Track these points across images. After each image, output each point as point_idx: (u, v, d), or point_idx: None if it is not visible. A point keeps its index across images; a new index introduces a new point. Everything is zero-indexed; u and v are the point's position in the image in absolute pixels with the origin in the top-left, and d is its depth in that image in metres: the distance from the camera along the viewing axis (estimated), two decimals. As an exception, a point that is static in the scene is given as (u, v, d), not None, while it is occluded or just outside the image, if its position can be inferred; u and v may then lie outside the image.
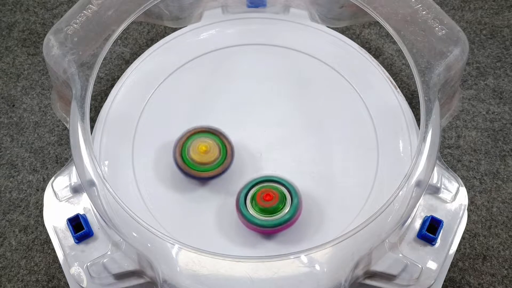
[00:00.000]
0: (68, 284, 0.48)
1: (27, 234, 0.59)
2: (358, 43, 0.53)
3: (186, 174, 0.46)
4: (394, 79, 0.52)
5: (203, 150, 0.46)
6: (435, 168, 0.46)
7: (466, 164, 0.61)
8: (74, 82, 0.46)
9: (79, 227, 0.45)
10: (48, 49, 0.48)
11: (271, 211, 0.45)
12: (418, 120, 0.48)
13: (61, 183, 0.47)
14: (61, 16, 0.52)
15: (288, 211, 0.45)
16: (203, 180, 0.47)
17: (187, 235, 0.45)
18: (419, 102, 0.46)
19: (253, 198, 0.45)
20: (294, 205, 0.45)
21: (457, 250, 0.48)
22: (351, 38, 0.54)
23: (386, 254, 0.44)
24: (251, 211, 0.45)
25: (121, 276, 0.44)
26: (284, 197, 0.45)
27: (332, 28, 0.54)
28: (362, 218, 0.44)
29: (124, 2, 0.49)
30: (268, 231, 0.45)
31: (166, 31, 0.67)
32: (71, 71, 0.47)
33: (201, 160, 0.46)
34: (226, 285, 0.42)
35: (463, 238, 0.56)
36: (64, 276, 0.57)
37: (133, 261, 0.44)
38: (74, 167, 0.46)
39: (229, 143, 0.47)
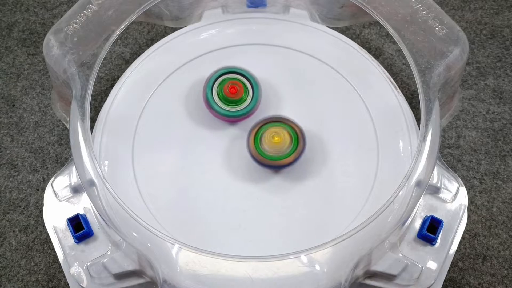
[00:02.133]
0: (68, 284, 0.48)
1: (27, 234, 0.59)
2: (358, 43, 0.53)
3: (260, 163, 0.47)
4: (394, 79, 0.52)
5: (276, 141, 0.46)
6: (435, 168, 0.46)
7: (466, 164, 0.61)
8: (74, 82, 0.46)
9: (79, 227, 0.45)
10: (48, 49, 0.48)
11: (235, 102, 0.48)
12: (418, 120, 0.48)
13: (61, 183, 0.47)
14: (61, 16, 0.52)
15: (249, 103, 0.48)
16: (277, 168, 0.47)
17: (187, 235, 0.45)
18: (419, 102, 0.46)
19: (219, 89, 0.48)
20: (255, 97, 0.48)
21: (457, 250, 0.48)
22: (351, 38, 0.54)
23: (386, 254, 0.44)
24: (217, 101, 0.48)
25: (121, 276, 0.44)
26: (246, 89, 0.48)
27: (332, 28, 0.54)
28: (362, 218, 0.44)
29: (124, 2, 0.49)
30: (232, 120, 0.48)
31: (166, 31, 0.67)
32: (71, 71, 0.47)
33: (274, 150, 0.46)
34: (226, 285, 0.42)
35: (463, 238, 0.56)
36: (64, 276, 0.57)
37: (133, 261, 0.44)
38: (74, 167, 0.46)
39: (301, 131, 0.47)
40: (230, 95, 0.48)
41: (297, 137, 0.47)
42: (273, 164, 0.47)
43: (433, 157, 0.44)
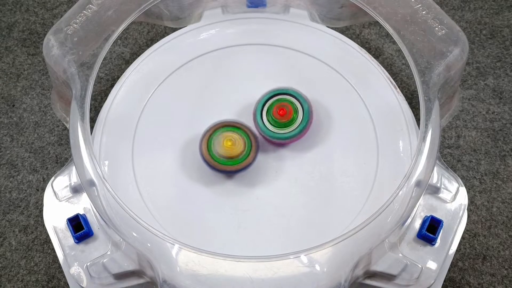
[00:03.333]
0: (68, 284, 0.48)
1: (27, 234, 0.59)
2: (358, 43, 0.53)
3: (213, 168, 0.47)
4: (394, 79, 0.52)
5: (229, 145, 0.46)
6: (435, 168, 0.46)
7: (466, 164, 0.61)
8: (74, 82, 0.46)
9: (79, 227, 0.45)
10: (48, 49, 0.48)
11: (285, 124, 0.47)
12: (418, 120, 0.48)
13: (61, 183, 0.47)
14: (61, 16, 0.52)
15: (301, 122, 0.47)
16: (229, 174, 0.47)
17: (187, 235, 0.45)
18: (419, 102, 0.46)
19: (268, 111, 0.47)
20: (306, 113, 0.47)
21: (457, 250, 0.48)
22: (351, 38, 0.54)
23: (386, 254, 0.44)
24: (267, 124, 0.47)
25: (121, 276, 0.44)
26: (296, 109, 0.48)
27: (332, 28, 0.54)
28: (362, 218, 0.44)
29: (124, 2, 0.49)
30: (282, 143, 0.48)
31: (166, 31, 0.67)
32: (71, 71, 0.47)
33: (227, 154, 0.46)
34: (226, 285, 0.42)
35: (463, 238, 0.56)
36: (64, 276, 0.57)
37: (133, 261, 0.44)
38: (74, 167, 0.46)
39: (254, 136, 0.47)
40: (279, 117, 0.47)
41: (250, 141, 0.47)
42: (226, 170, 0.47)
43: (433, 157, 0.44)
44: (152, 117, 0.50)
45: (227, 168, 0.46)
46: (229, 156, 0.46)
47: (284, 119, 0.47)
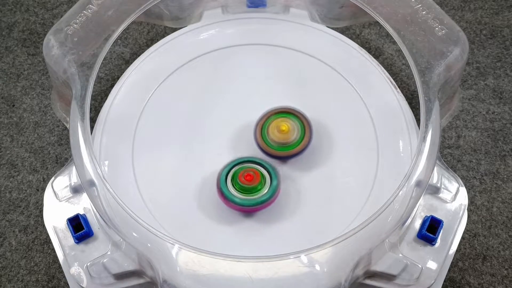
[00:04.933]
0: (68, 284, 0.48)
1: (27, 234, 0.59)
2: (358, 43, 0.53)
3: (267, 154, 0.47)
4: (394, 79, 0.52)
5: (283, 130, 0.47)
6: (435, 168, 0.46)
7: (466, 164, 0.61)
8: (74, 82, 0.46)
9: (79, 227, 0.45)
10: (48, 49, 0.48)
11: (250, 190, 0.45)
12: (418, 120, 0.48)
13: (61, 183, 0.47)
14: (61, 16, 0.52)
15: (266, 191, 0.45)
16: (284, 159, 0.48)
17: (187, 235, 0.45)
18: (419, 102, 0.46)
19: (233, 177, 0.46)
20: (273, 187, 0.46)
21: (457, 250, 0.48)
22: (351, 38, 0.54)
23: (386, 254, 0.44)
24: (231, 189, 0.46)
25: (121, 276, 0.44)
26: (263, 178, 0.46)
27: (332, 28, 0.54)
28: (362, 218, 0.44)
29: (124, 2, 0.49)
30: (246, 210, 0.46)
31: (166, 31, 0.67)
32: (71, 71, 0.47)
33: (280, 140, 0.47)
34: (226, 285, 0.42)
35: (463, 238, 0.56)
36: (64, 276, 0.57)
37: (133, 261, 0.44)
38: (74, 167, 0.46)
39: (308, 122, 0.47)
40: (246, 182, 0.46)
41: (304, 127, 0.47)
42: (281, 155, 0.47)
43: (433, 157, 0.44)
44: (152, 117, 0.50)
45: (282, 154, 0.47)
46: (283, 142, 0.47)
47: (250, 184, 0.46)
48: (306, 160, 0.48)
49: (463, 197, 0.47)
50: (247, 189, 0.46)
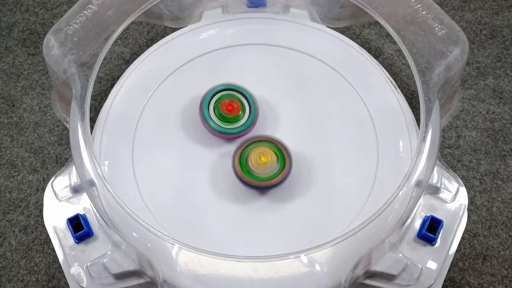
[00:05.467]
0: (68, 284, 0.48)
1: (27, 234, 0.59)
2: (358, 43, 0.53)
3: (245, 183, 0.46)
4: (394, 79, 0.52)
5: (263, 161, 0.46)
6: (435, 168, 0.46)
7: (466, 164, 0.61)
8: (74, 82, 0.46)
9: (79, 227, 0.45)
10: (48, 49, 0.48)
11: (232, 120, 0.47)
12: (418, 120, 0.48)
13: (61, 183, 0.47)
14: (61, 16, 0.52)
15: (246, 121, 0.47)
16: (262, 190, 0.47)
17: (187, 235, 0.45)
18: (419, 102, 0.46)
19: (216, 106, 0.47)
20: (252, 115, 0.47)
21: (457, 250, 0.48)
22: (351, 38, 0.54)
23: (386, 254, 0.44)
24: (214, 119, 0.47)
25: (121, 276, 0.44)
26: (243, 107, 0.48)
27: (332, 28, 0.54)
28: (362, 218, 0.44)
29: (124, 2, 0.49)
30: (229, 138, 0.48)
31: (166, 31, 0.67)
32: (71, 71, 0.47)
33: (260, 171, 0.46)
34: (226, 285, 0.42)
35: (463, 238, 0.56)
36: (64, 276, 0.57)
37: (133, 261, 0.44)
38: (74, 167, 0.46)
39: (288, 153, 0.47)
40: (226, 112, 0.47)
41: (283, 156, 0.46)
42: (260, 185, 0.46)
43: (433, 157, 0.44)
44: (152, 117, 0.50)
45: (262, 184, 0.46)
46: (263, 172, 0.46)
47: (232, 114, 0.48)
48: (306, 160, 0.48)
49: (463, 197, 0.47)
50: (228, 119, 0.47)
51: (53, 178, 0.47)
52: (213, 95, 0.48)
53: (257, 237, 0.46)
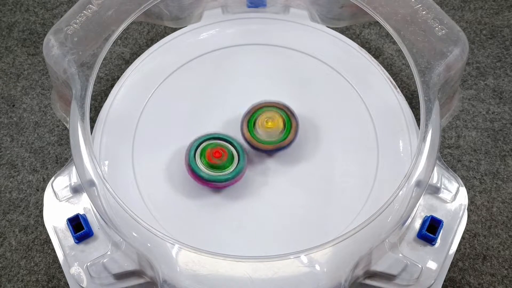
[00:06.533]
0: (68, 284, 0.48)
1: (27, 234, 0.59)
2: (358, 43, 0.53)
3: (254, 148, 0.47)
4: (394, 79, 0.52)
5: (269, 125, 0.47)
6: (435, 168, 0.46)
7: (466, 164, 0.61)
8: (74, 82, 0.46)
9: (79, 227, 0.45)
10: (48, 49, 0.48)
11: (219, 167, 0.46)
12: (418, 120, 0.48)
13: (61, 183, 0.47)
14: (61, 16, 0.52)
15: (233, 170, 0.46)
16: (269, 152, 0.48)
17: (187, 235, 0.45)
18: (419, 102, 0.46)
19: (202, 153, 0.46)
20: (240, 167, 0.46)
21: (457, 250, 0.48)
22: (351, 38, 0.54)
23: (386, 254, 0.44)
24: (200, 165, 0.46)
25: (121, 276, 0.44)
26: (232, 157, 0.46)
27: (332, 28, 0.54)
28: (362, 218, 0.44)
29: (124, 2, 0.49)
30: (215, 186, 0.46)
31: (166, 31, 0.67)
32: (71, 71, 0.47)
33: (267, 134, 0.47)
34: (226, 285, 0.42)
35: (463, 238, 0.56)
36: (64, 276, 0.57)
37: (133, 261, 0.44)
38: (74, 167, 0.46)
39: (294, 116, 0.47)
40: (214, 160, 0.46)
41: (289, 119, 0.47)
42: (268, 148, 0.47)
43: (433, 157, 0.44)
44: (152, 117, 0.50)
45: (269, 147, 0.47)
46: (269, 136, 0.47)
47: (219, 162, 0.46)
48: (306, 161, 0.48)
49: (463, 197, 0.47)
50: (215, 166, 0.46)
51: (53, 178, 0.47)
52: (199, 145, 0.47)
53: (257, 237, 0.46)
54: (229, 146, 0.47)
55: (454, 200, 0.46)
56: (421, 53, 0.47)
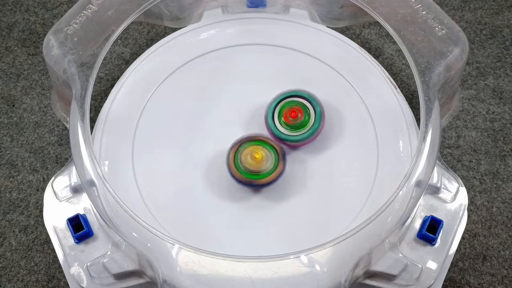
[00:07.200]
0: (68, 284, 0.48)
1: (27, 234, 0.59)
2: (358, 43, 0.53)
3: (240, 182, 0.46)
4: (394, 79, 0.52)
5: (257, 159, 0.46)
6: (435, 168, 0.46)
7: (466, 164, 0.61)
8: (74, 82, 0.46)
9: (79, 227, 0.45)
10: (48, 49, 0.48)
11: (297, 126, 0.47)
12: (418, 120, 0.48)
13: (61, 183, 0.47)
14: (61, 16, 0.52)
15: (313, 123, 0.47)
16: (256, 188, 0.47)
17: (187, 235, 0.45)
18: (419, 102, 0.46)
19: (280, 114, 0.47)
20: (318, 115, 0.47)
21: (457, 250, 0.48)
22: (351, 38, 0.54)
23: (386, 254, 0.44)
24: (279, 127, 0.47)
25: (121, 276, 0.44)
26: (307, 110, 0.47)
27: (332, 28, 0.54)
28: (362, 218, 0.44)
29: (124, 2, 0.49)
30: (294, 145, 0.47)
31: (166, 31, 0.67)
32: (71, 71, 0.47)
33: (254, 168, 0.46)
34: (226, 285, 0.42)
35: (463, 238, 0.56)
36: (64, 276, 0.57)
37: (133, 261, 0.44)
38: (74, 167, 0.46)
39: (281, 150, 0.47)
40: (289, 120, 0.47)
41: (277, 154, 0.46)
42: (253, 183, 0.46)
43: (433, 157, 0.44)
44: (152, 117, 0.50)
45: (255, 181, 0.46)
46: (256, 170, 0.46)
47: (296, 122, 0.47)
48: (306, 161, 0.48)
49: (463, 197, 0.47)
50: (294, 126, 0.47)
51: (53, 178, 0.47)
52: (278, 103, 0.48)
53: (257, 237, 0.46)
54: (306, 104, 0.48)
55: (454, 200, 0.46)
56: (421, 53, 0.47)
